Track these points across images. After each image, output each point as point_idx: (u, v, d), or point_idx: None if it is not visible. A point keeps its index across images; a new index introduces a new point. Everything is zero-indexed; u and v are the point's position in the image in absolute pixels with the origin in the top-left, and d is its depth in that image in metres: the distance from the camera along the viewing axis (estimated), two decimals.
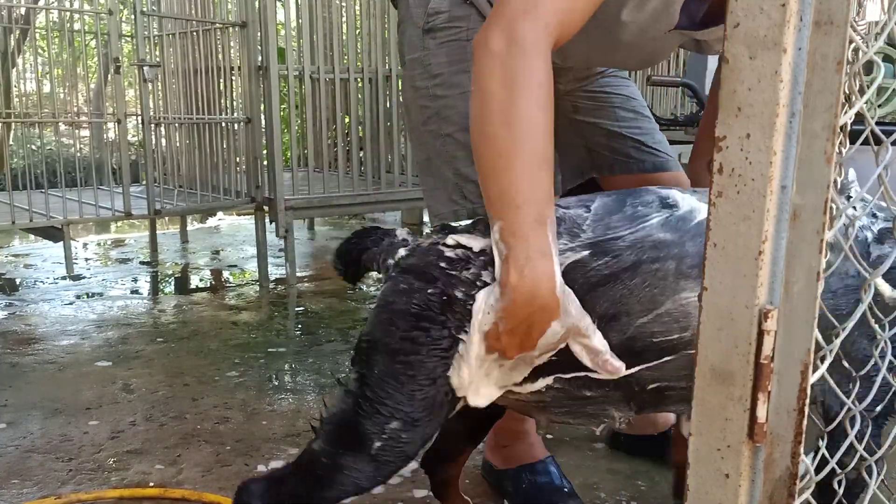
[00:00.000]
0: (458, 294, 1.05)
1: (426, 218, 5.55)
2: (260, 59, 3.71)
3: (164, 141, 4.39)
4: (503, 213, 0.98)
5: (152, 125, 3.83)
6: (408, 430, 1.07)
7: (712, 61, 3.01)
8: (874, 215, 1.05)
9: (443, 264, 1.06)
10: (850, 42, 0.53)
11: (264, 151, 3.81)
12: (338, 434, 1.11)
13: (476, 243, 1.07)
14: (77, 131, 5.39)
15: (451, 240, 1.08)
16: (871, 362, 0.86)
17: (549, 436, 1.97)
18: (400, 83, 4.08)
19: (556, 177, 1.51)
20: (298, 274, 3.98)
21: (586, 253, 1.03)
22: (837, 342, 0.64)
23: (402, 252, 1.12)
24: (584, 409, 1.12)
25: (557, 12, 1.03)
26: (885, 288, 0.98)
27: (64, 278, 3.95)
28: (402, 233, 1.18)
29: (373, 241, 1.18)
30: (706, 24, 1.34)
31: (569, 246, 1.03)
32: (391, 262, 1.13)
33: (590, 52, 1.41)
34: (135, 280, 4.04)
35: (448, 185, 1.47)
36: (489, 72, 1.01)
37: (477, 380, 1.07)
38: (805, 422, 0.56)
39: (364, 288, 3.83)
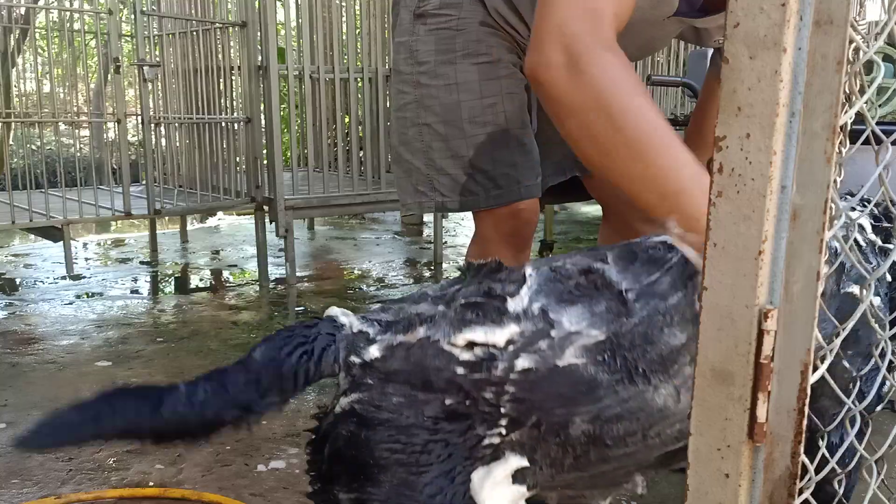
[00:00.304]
0: (489, 395, 0.89)
1: (427, 218, 5.55)
2: (260, 58, 3.71)
3: (163, 141, 4.39)
4: (672, 207, 0.90)
5: (152, 125, 3.83)
6: None
7: None
8: None
9: (460, 370, 0.89)
10: (851, 42, 0.53)
11: (264, 151, 3.81)
12: None
13: (500, 335, 0.89)
14: (77, 131, 5.40)
15: (461, 339, 0.90)
16: (872, 362, 0.86)
17: None
18: None
19: (539, 173, 1.51)
20: (298, 274, 3.98)
21: None
22: (837, 342, 0.64)
23: (374, 352, 0.91)
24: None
25: (617, 16, 1.01)
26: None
27: (64, 278, 3.95)
28: (346, 319, 0.96)
29: (303, 343, 0.95)
30: (706, 12, 1.33)
31: None
32: (355, 360, 0.92)
33: None
34: (135, 280, 4.04)
35: (417, 175, 1.44)
36: (566, 89, 0.96)
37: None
38: (805, 422, 0.56)
39: (364, 287, 3.83)
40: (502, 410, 0.89)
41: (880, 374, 0.77)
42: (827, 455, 0.76)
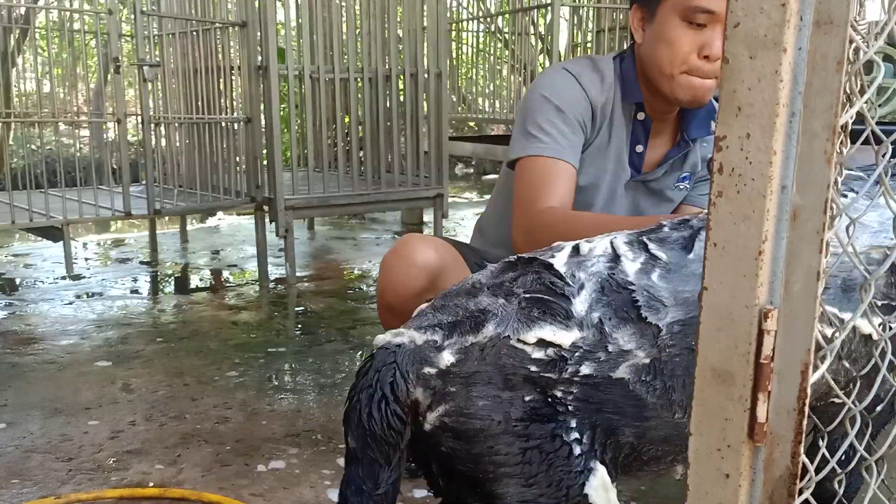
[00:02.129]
0: (559, 394, 0.92)
1: (427, 217, 5.55)
2: (260, 58, 3.71)
3: (163, 141, 4.39)
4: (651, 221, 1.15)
5: (152, 125, 3.83)
6: None
7: None
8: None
9: (533, 368, 0.91)
10: (851, 42, 0.53)
11: (264, 151, 3.81)
12: None
13: (566, 337, 0.93)
14: (77, 131, 5.40)
15: (531, 336, 0.92)
16: (872, 362, 0.86)
17: None
18: (400, 83, 4.09)
19: None
20: (298, 274, 3.98)
21: None
22: (837, 342, 0.64)
23: (449, 357, 0.92)
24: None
25: (559, 197, 1.46)
26: None
27: (64, 278, 3.95)
28: (402, 338, 0.96)
29: (369, 387, 0.94)
30: (649, 172, 1.63)
31: None
32: (430, 371, 0.93)
33: None
34: (135, 280, 4.04)
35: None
36: (534, 239, 1.33)
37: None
38: (805, 422, 0.56)
39: (364, 288, 3.83)
40: (570, 408, 0.92)
41: (880, 374, 0.77)
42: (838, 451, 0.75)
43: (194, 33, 3.97)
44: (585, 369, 0.92)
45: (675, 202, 1.70)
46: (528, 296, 0.95)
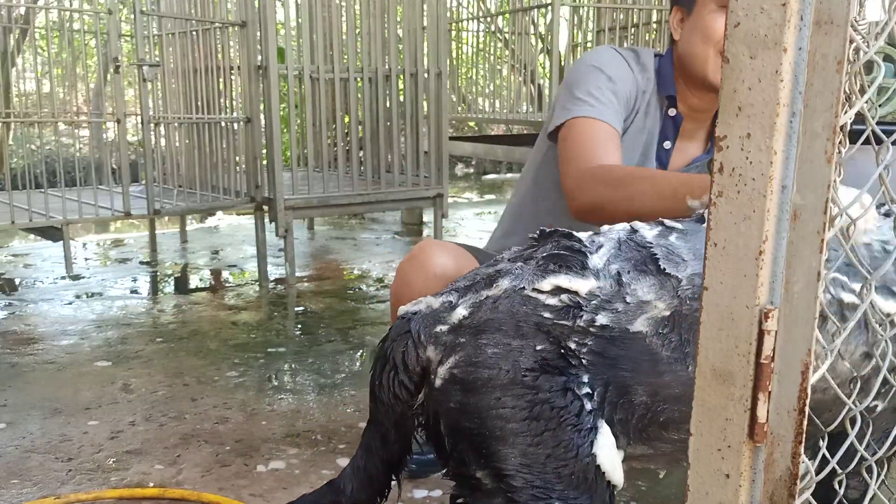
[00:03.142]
0: (573, 345, 0.90)
1: (427, 218, 5.55)
2: (260, 58, 3.71)
3: (163, 141, 4.39)
4: (679, 192, 1.19)
5: (152, 125, 3.83)
6: None
7: None
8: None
9: (546, 314, 0.91)
10: (851, 41, 0.53)
11: (264, 151, 3.81)
12: None
13: (582, 285, 0.92)
14: (77, 131, 5.40)
15: (546, 284, 0.92)
16: (872, 362, 0.86)
17: None
18: (400, 83, 4.09)
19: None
20: (298, 274, 3.98)
21: None
22: (838, 342, 0.64)
23: (462, 311, 0.92)
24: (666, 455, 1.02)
25: (612, 158, 1.42)
26: None
27: (64, 278, 3.95)
28: (419, 305, 0.97)
29: (404, 329, 0.95)
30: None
31: None
32: (442, 328, 0.93)
33: None
34: (134, 280, 4.04)
35: None
36: (588, 189, 1.37)
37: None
38: (805, 422, 0.56)
39: (364, 287, 3.83)
40: (584, 361, 0.90)
41: (881, 375, 0.77)
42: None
43: (194, 33, 3.97)
44: (602, 319, 0.90)
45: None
46: (545, 254, 0.95)
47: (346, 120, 4.20)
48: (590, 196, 1.36)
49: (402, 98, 4.07)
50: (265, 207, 3.81)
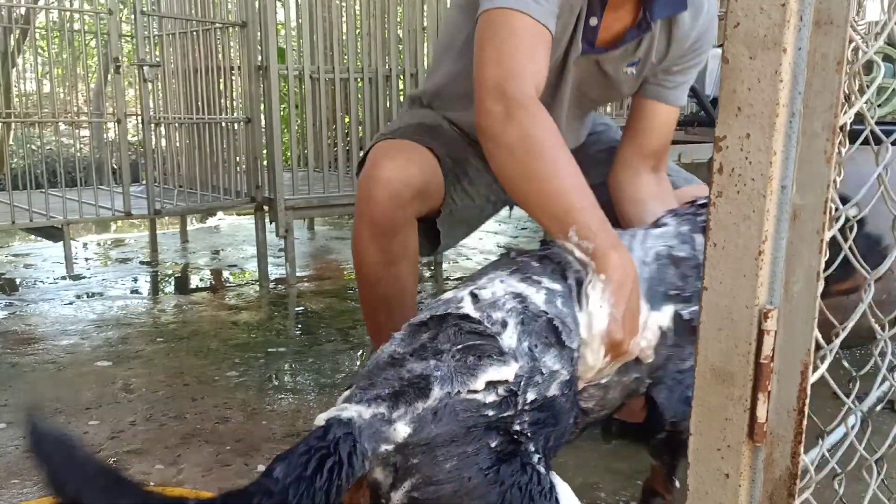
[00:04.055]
0: (517, 427, 0.96)
1: None
2: (260, 58, 3.71)
3: (163, 141, 4.39)
4: (574, 219, 1.09)
5: (152, 125, 3.83)
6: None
7: (712, 62, 3.01)
8: None
9: (490, 412, 0.93)
10: (850, 42, 0.53)
11: (264, 151, 3.81)
12: None
13: (507, 372, 0.95)
14: (77, 131, 5.40)
15: (479, 382, 0.93)
16: (872, 362, 0.86)
17: None
18: (400, 83, 4.09)
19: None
20: (298, 274, 3.98)
21: None
22: (837, 342, 0.64)
23: (404, 430, 0.89)
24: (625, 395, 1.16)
25: (534, 75, 1.24)
26: None
27: (64, 278, 3.95)
28: (349, 413, 0.91)
29: (328, 456, 0.86)
30: (604, 49, 1.50)
31: None
32: (387, 448, 0.89)
33: None
34: (135, 280, 4.04)
35: None
36: (502, 130, 1.18)
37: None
38: (805, 422, 0.56)
39: None
40: (528, 435, 0.96)
41: (881, 375, 0.77)
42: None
43: (194, 33, 3.97)
44: (531, 395, 0.96)
45: (622, 88, 1.59)
46: (458, 347, 0.94)
47: (347, 120, 4.20)
48: (493, 140, 1.20)
49: (402, 98, 4.07)
50: (265, 207, 3.81)
